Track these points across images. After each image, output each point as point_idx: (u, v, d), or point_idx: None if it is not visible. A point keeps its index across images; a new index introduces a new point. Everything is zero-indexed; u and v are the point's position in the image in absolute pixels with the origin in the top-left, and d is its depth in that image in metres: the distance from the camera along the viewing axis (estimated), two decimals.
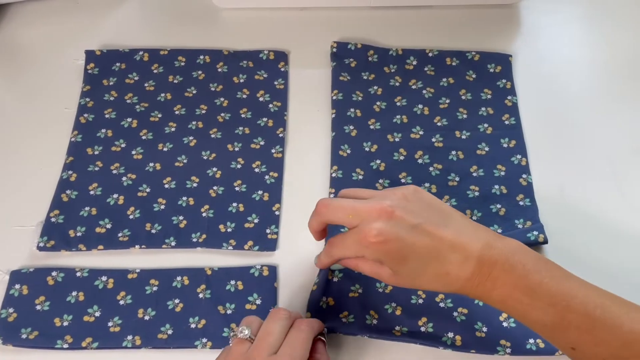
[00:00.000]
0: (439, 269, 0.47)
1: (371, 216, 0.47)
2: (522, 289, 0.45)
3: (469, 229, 0.48)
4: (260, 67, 0.72)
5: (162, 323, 0.56)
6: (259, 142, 0.67)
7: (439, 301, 0.57)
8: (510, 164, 0.65)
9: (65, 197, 0.63)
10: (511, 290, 0.45)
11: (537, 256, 0.47)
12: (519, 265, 0.45)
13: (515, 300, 0.45)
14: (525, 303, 0.45)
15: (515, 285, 0.45)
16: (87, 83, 0.71)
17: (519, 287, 0.45)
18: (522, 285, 0.45)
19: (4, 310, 0.56)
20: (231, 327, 0.56)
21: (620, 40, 0.76)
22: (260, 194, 0.63)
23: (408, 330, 0.55)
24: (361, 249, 0.48)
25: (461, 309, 0.56)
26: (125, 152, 0.66)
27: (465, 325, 0.55)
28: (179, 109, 0.69)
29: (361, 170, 0.65)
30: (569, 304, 0.44)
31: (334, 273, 0.58)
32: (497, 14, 0.77)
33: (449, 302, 0.56)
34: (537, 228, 0.59)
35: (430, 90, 0.70)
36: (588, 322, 0.43)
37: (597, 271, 0.58)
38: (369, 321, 0.56)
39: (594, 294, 0.45)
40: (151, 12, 0.78)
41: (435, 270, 0.47)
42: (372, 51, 0.73)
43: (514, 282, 0.45)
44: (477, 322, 0.55)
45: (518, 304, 0.45)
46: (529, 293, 0.44)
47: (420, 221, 0.47)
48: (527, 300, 0.45)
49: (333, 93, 0.70)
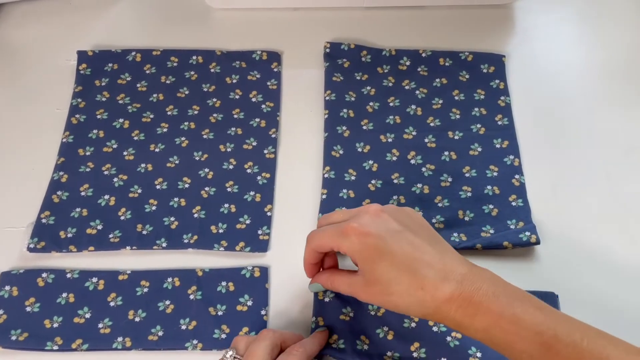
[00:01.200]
0: (413, 282, 0.45)
1: (360, 213, 0.47)
2: (508, 317, 0.43)
3: (454, 254, 0.47)
4: (253, 67, 0.72)
5: (153, 324, 0.56)
6: (251, 143, 0.66)
7: (431, 325, 0.55)
8: (502, 165, 0.64)
9: (56, 198, 0.62)
10: (496, 318, 0.43)
11: (517, 288, 0.45)
12: (504, 294, 0.44)
13: (501, 328, 0.43)
14: (511, 332, 0.42)
15: (500, 314, 0.43)
16: (79, 83, 0.70)
17: (505, 316, 0.43)
18: (508, 313, 0.43)
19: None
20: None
21: (613, 40, 0.76)
22: (252, 194, 0.63)
23: (400, 356, 0.54)
24: (339, 239, 0.47)
25: (454, 334, 0.55)
26: (116, 152, 0.66)
27: (458, 350, 0.54)
28: (171, 109, 0.69)
29: (354, 171, 0.64)
30: (557, 334, 0.42)
31: (325, 293, 0.57)
32: (491, 14, 0.77)
33: (442, 326, 0.55)
34: (529, 229, 0.59)
35: (424, 91, 0.70)
36: (576, 353, 0.41)
37: (589, 271, 0.59)
38: (360, 346, 0.54)
39: (579, 325, 0.43)
40: (144, 12, 0.78)
41: (409, 282, 0.45)
42: (365, 51, 0.73)
43: (500, 309, 0.43)
44: (471, 347, 0.54)
45: (503, 333, 0.43)
46: (515, 321, 0.42)
47: (407, 230, 0.46)
48: (513, 329, 0.42)
49: (326, 93, 0.70)
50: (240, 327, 0.56)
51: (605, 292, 0.58)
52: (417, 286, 0.45)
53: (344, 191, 0.63)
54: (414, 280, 0.45)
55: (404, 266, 0.45)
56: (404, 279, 0.45)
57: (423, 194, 0.63)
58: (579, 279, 0.58)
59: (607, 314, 0.56)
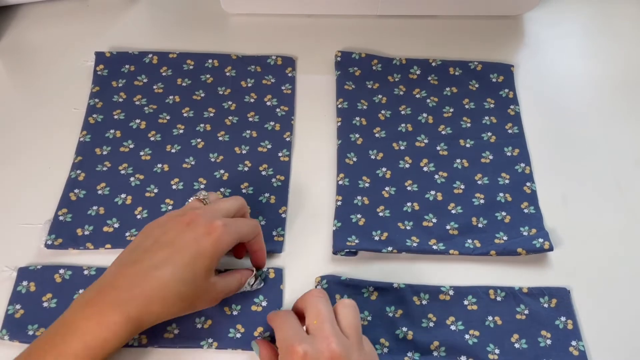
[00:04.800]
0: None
1: (317, 339, 0.46)
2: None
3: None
4: (268, 72, 0.73)
5: (169, 322, 0.56)
6: (266, 146, 0.67)
7: (449, 324, 0.57)
8: (514, 172, 0.66)
9: (73, 196, 0.63)
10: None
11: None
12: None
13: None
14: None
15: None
16: (97, 84, 0.71)
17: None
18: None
19: (11, 307, 0.56)
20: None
21: (622, 52, 0.77)
22: (267, 196, 0.64)
23: (420, 356, 0.55)
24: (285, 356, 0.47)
25: (472, 332, 0.56)
26: (133, 152, 0.66)
27: (477, 348, 0.55)
28: (187, 111, 0.70)
29: (367, 178, 0.65)
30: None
31: (342, 295, 0.58)
32: (501, 25, 0.79)
33: (460, 324, 0.57)
34: (542, 235, 0.60)
35: (434, 99, 0.71)
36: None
37: (601, 277, 0.60)
38: (380, 350, 0.55)
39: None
40: (160, 15, 0.79)
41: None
42: (376, 60, 0.74)
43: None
44: (489, 345, 0.56)
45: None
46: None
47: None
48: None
49: (338, 101, 0.71)
50: (255, 326, 0.56)
51: (617, 298, 0.59)
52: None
53: (359, 198, 0.64)
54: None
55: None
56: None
57: (437, 201, 0.64)
58: (591, 285, 0.60)
59: (619, 317, 0.58)
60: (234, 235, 0.51)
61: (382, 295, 0.58)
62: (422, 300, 0.58)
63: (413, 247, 0.60)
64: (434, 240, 0.61)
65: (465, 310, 0.57)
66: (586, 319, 0.57)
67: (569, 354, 0.55)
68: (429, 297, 0.58)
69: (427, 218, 0.62)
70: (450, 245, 0.60)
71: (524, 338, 0.56)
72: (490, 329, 0.56)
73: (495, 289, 0.58)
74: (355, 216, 0.62)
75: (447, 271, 0.60)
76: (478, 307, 0.58)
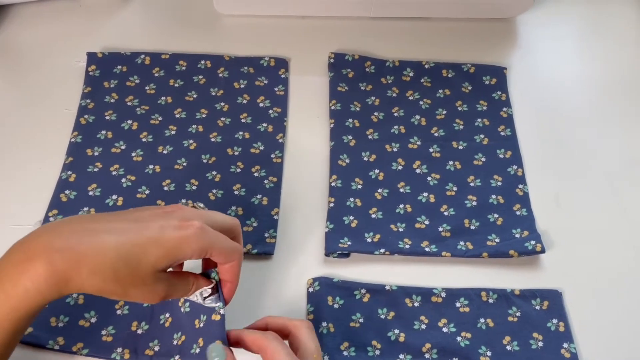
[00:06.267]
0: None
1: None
2: None
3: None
4: (260, 73, 0.73)
5: (152, 338, 0.55)
6: (258, 147, 0.67)
7: (441, 326, 0.57)
8: (506, 175, 0.66)
9: (64, 197, 0.63)
10: None
11: None
12: None
13: None
14: None
15: None
16: (88, 85, 0.71)
17: None
18: None
19: None
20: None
21: (614, 55, 0.78)
22: (259, 198, 0.64)
23: (412, 358, 0.55)
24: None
25: (464, 334, 0.56)
26: (125, 153, 0.66)
27: (469, 350, 0.55)
28: (179, 112, 0.69)
29: (360, 180, 0.65)
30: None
31: (334, 299, 0.58)
32: (494, 27, 0.79)
33: (452, 326, 0.57)
34: (534, 237, 0.60)
35: (427, 102, 0.71)
36: None
37: (592, 279, 0.60)
38: (371, 352, 0.55)
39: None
40: (153, 16, 0.79)
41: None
42: (369, 62, 0.74)
43: None
44: (481, 347, 0.56)
45: None
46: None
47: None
48: None
49: (331, 103, 0.71)
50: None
51: (610, 300, 0.59)
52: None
53: (351, 200, 0.64)
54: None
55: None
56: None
57: (429, 203, 0.64)
58: (584, 288, 0.60)
59: (611, 319, 0.58)
60: (204, 243, 0.45)
61: (374, 297, 0.58)
62: (414, 302, 0.58)
63: (405, 249, 0.60)
64: (427, 242, 0.61)
65: (457, 312, 0.57)
66: (578, 321, 0.57)
67: (560, 356, 0.55)
68: (421, 299, 0.58)
69: (419, 220, 0.62)
70: (443, 247, 0.60)
71: (515, 340, 0.56)
72: (482, 331, 0.56)
73: (488, 291, 0.58)
74: (347, 218, 0.62)
75: (440, 273, 0.60)
76: (470, 309, 0.58)
